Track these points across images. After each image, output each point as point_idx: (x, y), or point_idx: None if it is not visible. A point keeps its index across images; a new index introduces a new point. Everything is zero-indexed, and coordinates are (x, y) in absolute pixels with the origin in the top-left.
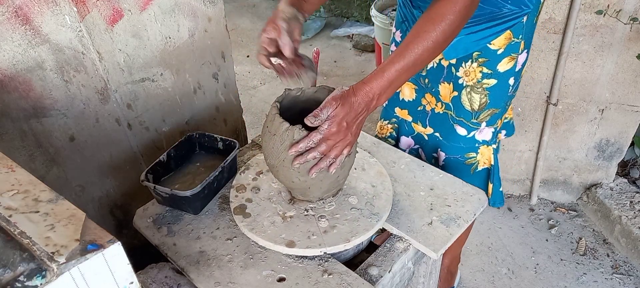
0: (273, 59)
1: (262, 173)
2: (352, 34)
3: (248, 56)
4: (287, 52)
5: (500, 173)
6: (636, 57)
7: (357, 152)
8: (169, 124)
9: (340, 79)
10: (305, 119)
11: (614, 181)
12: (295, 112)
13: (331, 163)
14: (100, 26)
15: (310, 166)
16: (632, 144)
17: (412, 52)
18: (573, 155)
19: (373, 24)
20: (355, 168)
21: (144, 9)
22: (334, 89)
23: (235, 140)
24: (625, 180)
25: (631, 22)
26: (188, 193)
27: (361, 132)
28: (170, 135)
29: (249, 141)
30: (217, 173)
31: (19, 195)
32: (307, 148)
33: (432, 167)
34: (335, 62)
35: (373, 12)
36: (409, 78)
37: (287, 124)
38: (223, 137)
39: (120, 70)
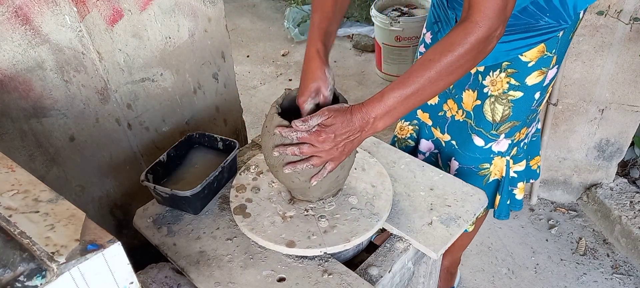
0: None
1: (262, 173)
2: (352, 34)
3: (248, 56)
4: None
5: None
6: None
7: (357, 152)
8: (169, 124)
9: (340, 79)
10: (292, 122)
11: (614, 181)
12: (295, 112)
13: (314, 175)
14: (100, 26)
15: (288, 162)
16: (632, 143)
17: (414, 81)
18: (573, 155)
19: (373, 24)
20: (355, 169)
21: (144, 9)
22: (335, 89)
23: (235, 140)
24: (625, 180)
25: (632, 22)
26: (188, 193)
27: None
28: (170, 135)
29: (249, 141)
30: (217, 173)
31: (19, 195)
32: (288, 139)
33: (432, 167)
34: (335, 62)
35: (373, 12)
36: (413, 108)
37: (286, 123)
38: (223, 137)
39: (120, 70)
